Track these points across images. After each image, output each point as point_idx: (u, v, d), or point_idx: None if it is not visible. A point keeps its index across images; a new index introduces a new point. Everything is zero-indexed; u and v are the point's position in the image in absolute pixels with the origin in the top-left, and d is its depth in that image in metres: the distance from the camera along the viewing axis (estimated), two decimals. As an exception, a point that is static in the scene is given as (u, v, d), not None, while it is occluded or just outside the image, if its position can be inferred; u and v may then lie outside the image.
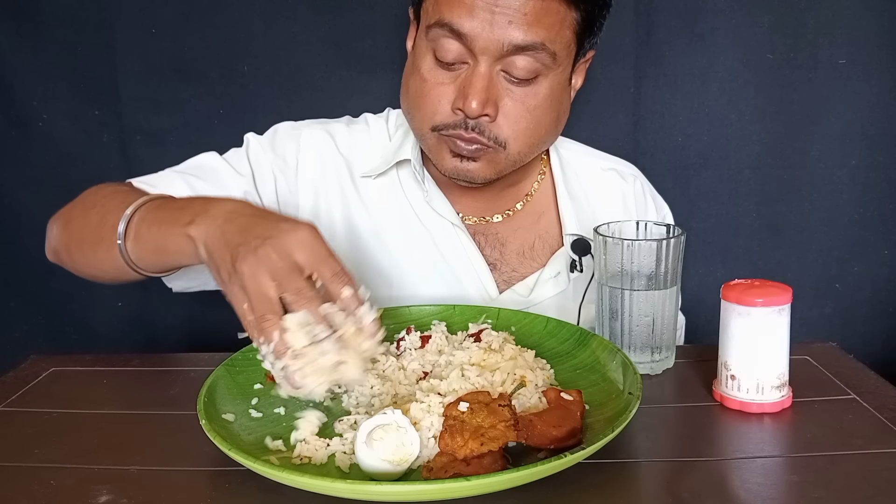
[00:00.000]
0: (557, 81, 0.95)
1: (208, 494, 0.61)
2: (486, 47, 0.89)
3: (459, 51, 0.91)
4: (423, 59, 0.94)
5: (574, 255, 1.04)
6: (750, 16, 1.37)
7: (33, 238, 1.46)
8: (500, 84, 0.92)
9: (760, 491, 0.60)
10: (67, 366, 0.88)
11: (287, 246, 0.65)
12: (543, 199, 1.11)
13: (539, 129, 0.96)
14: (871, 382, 0.79)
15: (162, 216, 0.81)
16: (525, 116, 0.93)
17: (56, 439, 0.71)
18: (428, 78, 0.94)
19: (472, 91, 0.90)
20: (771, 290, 0.73)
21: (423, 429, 0.64)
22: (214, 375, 0.73)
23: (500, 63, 0.90)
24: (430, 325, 0.88)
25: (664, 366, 0.84)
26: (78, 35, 1.39)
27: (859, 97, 1.38)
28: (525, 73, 0.91)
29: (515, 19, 0.87)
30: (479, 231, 1.07)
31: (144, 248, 0.82)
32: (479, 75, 0.90)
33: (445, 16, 0.89)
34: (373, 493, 0.55)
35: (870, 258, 1.44)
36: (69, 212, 0.96)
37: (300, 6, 1.38)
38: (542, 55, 0.90)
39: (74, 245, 0.92)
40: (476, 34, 0.88)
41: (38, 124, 1.42)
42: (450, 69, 0.93)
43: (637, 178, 1.16)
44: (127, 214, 0.83)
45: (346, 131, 1.09)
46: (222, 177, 1.03)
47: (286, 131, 1.08)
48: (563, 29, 0.91)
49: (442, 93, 0.93)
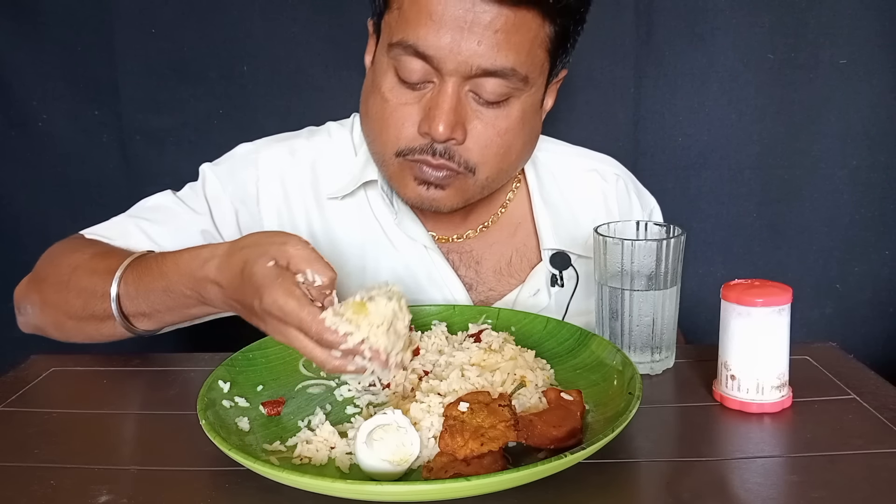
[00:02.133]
0: (530, 103, 0.90)
1: (208, 494, 0.61)
2: (454, 69, 0.83)
3: (424, 70, 0.84)
4: (385, 78, 0.88)
5: (554, 269, 1.00)
6: (750, 16, 1.37)
7: (33, 238, 1.46)
8: (468, 105, 0.86)
9: (760, 491, 0.60)
10: (67, 366, 0.88)
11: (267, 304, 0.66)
12: (519, 210, 1.06)
13: (509, 155, 0.91)
14: (871, 382, 0.79)
15: (166, 302, 0.82)
16: (495, 140, 0.88)
17: (56, 439, 0.71)
18: (390, 98, 0.87)
19: (438, 113, 0.84)
20: (771, 290, 0.73)
21: (423, 429, 0.64)
22: (214, 375, 0.73)
23: (468, 83, 0.85)
24: (430, 325, 0.88)
25: (664, 366, 0.84)
26: (78, 35, 1.39)
27: (860, 97, 1.38)
28: (495, 96, 0.85)
29: (485, 39, 0.81)
30: (452, 249, 1.02)
31: (166, 322, 0.86)
32: (447, 96, 0.84)
33: (410, 36, 0.83)
34: (373, 493, 0.55)
35: (870, 258, 1.44)
36: (40, 291, 0.92)
37: (300, 6, 1.38)
38: (512, 79, 0.85)
39: (68, 324, 0.90)
40: (443, 56, 0.82)
41: (38, 124, 1.43)
42: (414, 88, 0.86)
43: (620, 176, 1.11)
44: (114, 300, 0.83)
45: (308, 146, 1.03)
46: (179, 219, 0.98)
47: (244, 156, 1.03)
48: (534, 48, 0.85)
49: (406, 114, 0.87)
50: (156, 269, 0.82)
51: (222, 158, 1.04)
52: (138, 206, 1.01)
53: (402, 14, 0.84)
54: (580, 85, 1.39)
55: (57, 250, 0.95)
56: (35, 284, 0.93)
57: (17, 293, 0.94)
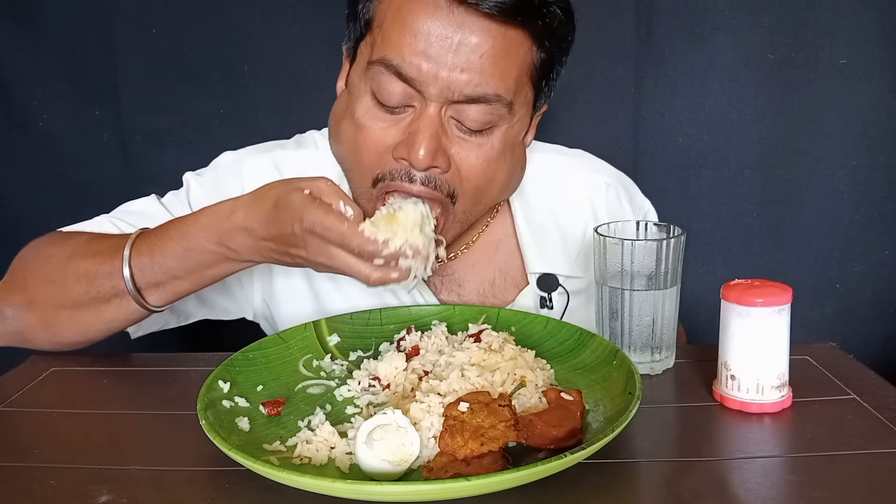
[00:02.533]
0: (514, 133, 0.86)
1: (208, 494, 0.61)
2: (437, 93, 0.79)
3: (405, 93, 0.80)
4: (360, 101, 0.83)
5: (542, 292, 0.98)
6: (750, 16, 1.37)
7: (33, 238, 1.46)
8: (450, 130, 0.82)
9: (760, 491, 0.60)
10: (67, 366, 0.88)
11: (309, 244, 0.72)
12: (500, 228, 1.01)
13: (491, 187, 0.86)
14: (871, 382, 0.79)
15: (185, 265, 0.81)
16: (478, 170, 0.83)
17: (56, 439, 0.71)
18: (365, 123, 0.82)
19: (420, 139, 0.79)
20: (771, 290, 0.73)
21: (423, 429, 0.64)
22: (214, 375, 0.73)
23: (450, 109, 0.80)
24: (430, 325, 0.88)
25: (664, 366, 0.84)
26: (78, 35, 1.39)
27: (860, 97, 1.38)
28: (478, 124, 0.81)
29: (470, 65, 0.77)
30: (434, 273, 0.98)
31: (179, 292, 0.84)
32: (429, 120, 0.79)
33: (393, 56, 0.78)
34: (373, 493, 0.55)
35: (870, 258, 1.44)
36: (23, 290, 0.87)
37: (300, 6, 1.38)
38: (496, 106, 0.81)
39: (62, 320, 0.86)
40: (426, 79, 0.78)
41: (38, 124, 1.43)
42: (392, 112, 0.82)
43: (610, 185, 1.06)
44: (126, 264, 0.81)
45: (294, 159, 1.00)
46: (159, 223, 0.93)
47: (228, 166, 1.00)
48: (521, 75, 0.82)
49: (381, 138, 0.82)
50: (173, 231, 0.82)
51: (206, 169, 1.02)
52: (121, 209, 0.99)
53: (384, 32, 0.80)
54: (580, 85, 1.39)
55: (38, 245, 0.91)
56: (16, 284, 0.88)
57: None
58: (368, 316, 0.90)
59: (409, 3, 0.78)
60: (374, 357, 0.82)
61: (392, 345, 0.84)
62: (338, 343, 0.86)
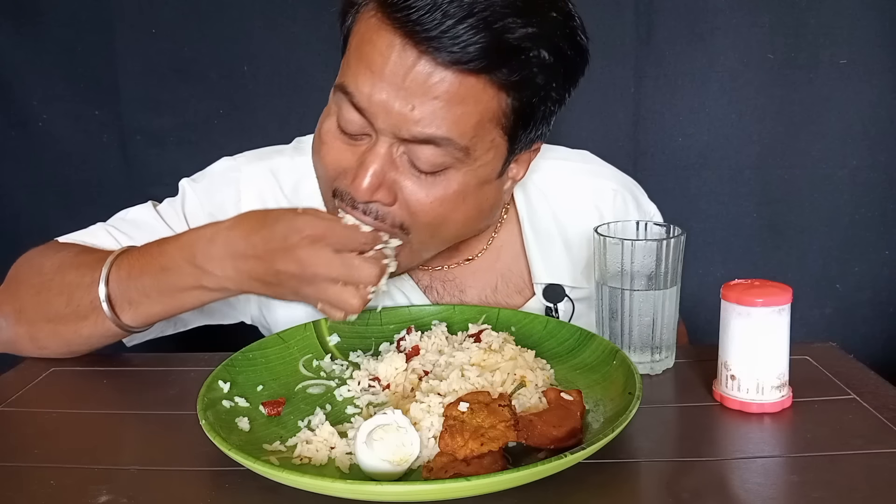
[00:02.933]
0: (475, 177, 0.81)
1: (208, 494, 0.61)
2: (385, 129, 0.76)
3: (362, 123, 0.78)
4: (328, 119, 0.83)
5: (548, 303, 0.97)
6: (750, 16, 1.37)
7: (33, 238, 1.45)
8: (402, 165, 0.79)
9: (760, 491, 0.60)
10: (67, 366, 0.88)
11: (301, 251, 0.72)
12: (505, 234, 1.00)
13: (446, 226, 0.83)
14: (871, 382, 0.79)
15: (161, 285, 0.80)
16: (428, 208, 0.80)
17: (56, 439, 0.71)
18: (326, 140, 0.82)
19: (362, 172, 0.77)
20: (771, 290, 0.73)
21: (423, 429, 0.64)
22: (214, 375, 0.73)
23: (402, 145, 0.78)
24: (430, 325, 0.88)
25: (664, 366, 0.84)
26: (78, 35, 1.39)
27: (860, 97, 1.38)
28: (429, 165, 0.78)
29: (421, 105, 0.74)
30: (435, 278, 0.98)
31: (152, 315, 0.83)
32: (376, 156, 0.77)
33: (349, 82, 0.77)
34: (373, 493, 0.55)
35: (870, 258, 1.44)
36: (15, 299, 0.87)
37: (300, 6, 1.38)
38: (449, 149, 0.77)
39: (44, 333, 0.85)
40: (375, 112, 0.76)
41: (38, 124, 1.43)
42: (351, 138, 0.80)
43: (617, 192, 1.04)
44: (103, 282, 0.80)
45: (290, 166, 0.99)
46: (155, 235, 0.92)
47: (223, 174, 0.99)
48: (482, 121, 0.77)
49: (337, 159, 0.82)
50: (155, 249, 0.82)
51: (202, 174, 1.01)
52: (117, 217, 0.98)
53: (348, 58, 0.80)
54: (580, 85, 1.38)
55: (32, 255, 0.91)
56: (9, 294, 0.88)
57: None
58: (368, 316, 0.90)
59: (370, 33, 0.76)
60: (375, 357, 0.82)
61: (392, 345, 0.84)
62: (338, 343, 0.86)
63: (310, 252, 0.72)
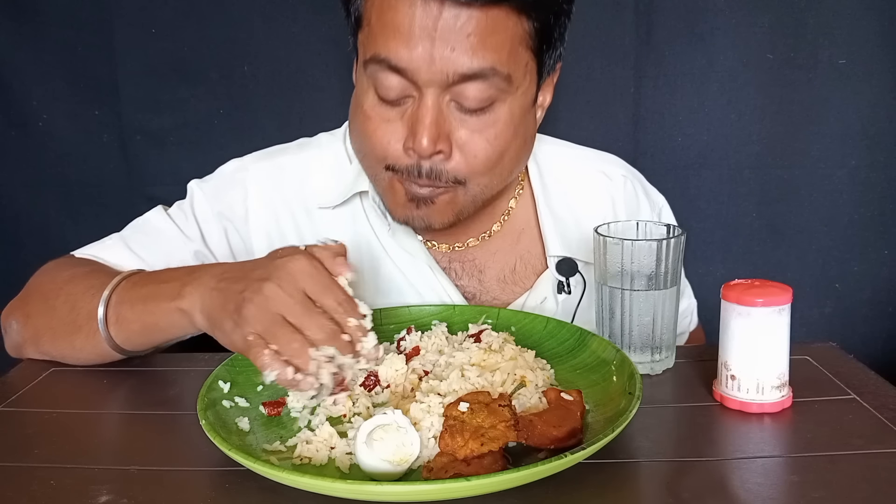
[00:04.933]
0: (518, 105, 0.85)
1: (208, 494, 0.61)
2: (430, 79, 0.79)
3: (402, 85, 0.81)
4: (366, 96, 0.85)
5: (560, 276, 0.98)
6: (750, 16, 1.37)
7: (33, 238, 1.46)
8: (451, 115, 0.82)
9: (760, 491, 0.60)
10: (67, 366, 0.88)
11: (290, 278, 0.66)
12: (523, 216, 1.03)
13: (503, 161, 0.87)
14: (871, 382, 0.79)
15: (144, 294, 0.79)
16: (485, 148, 0.84)
17: (56, 439, 0.71)
18: (372, 116, 0.85)
19: (420, 127, 0.80)
20: (771, 290, 0.73)
21: (423, 429, 0.64)
22: (214, 375, 0.73)
23: (448, 93, 0.81)
24: (430, 325, 0.88)
25: (664, 366, 0.84)
26: (78, 35, 1.39)
27: (859, 97, 1.38)
28: (478, 102, 0.81)
29: (458, 44, 0.77)
30: (454, 259, 1.00)
31: (131, 330, 0.80)
32: (426, 108, 0.80)
33: (381, 50, 0.80)
34: (373, 493, 0.55)
35: (870, 258, 1.44)
36: (25, 305, 0.89)
37: (300, 6, 1.38)
38: (494, 80, 0.80)
39: (45, 338, 0.86)
40: (416, 67, 0.79)
41: (38, 124, 1.43)
42: (394, 105, 0.83)
43: (627, 177, 1.08)
44: (104, 297, 0.80)
45: (297, 161, 1.01)
46: (172, 243, 0.96)
47: (231, 175, 1.01)
48: (515, 46, 0.81)
49: (389, 131, 0.84)
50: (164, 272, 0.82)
51: (211, 176, 1.02)
52: (131, 227, 0.99)
53: (372, 30, 0.82)
54: (580, 85, 1.39)
55: (51, 266, 0.93)
56: (22, 300, 0.91)
57: (3, 314, 0.91)
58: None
59: (388, 1, 0.79)
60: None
61: (392, 345, 0.84)
62: (338, 343, 0.86)
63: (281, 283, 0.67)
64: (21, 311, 0.89)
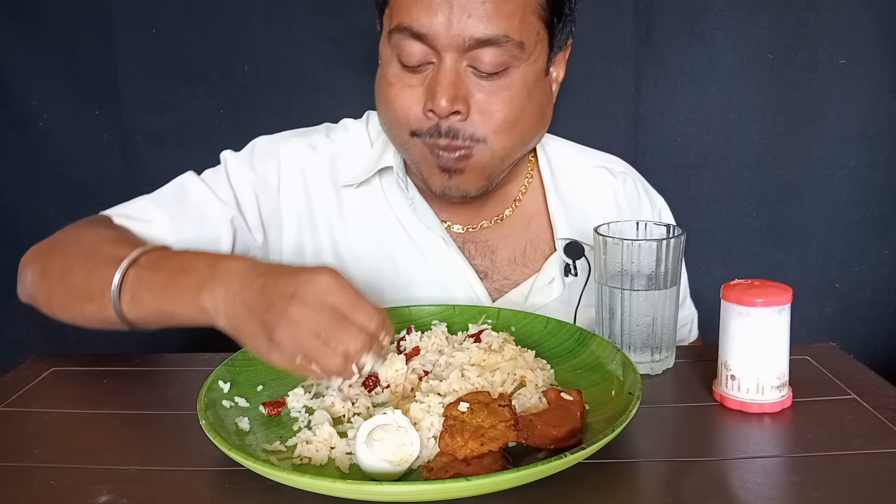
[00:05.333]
0: (531, 72, 0.91)
1: (208, 494, 0.61)
2: (449, 44, 0.86)
3: (423, 52, 0.88)
4: (390, 65, 0.92)
5: (567, 259, 1.02)
6: (750, 16, 1.37)
7: (33, 238, 1.45)
8: (468, 80, 0.89)
9: (760, 491, 0.60)
10: (67, 366, 0.88)
11: (316, 296, 0.66)
12: (533, 203, 1.08)
13: (521, 122, 0.92)
14: (871, 382, 0.79)
15: (162, 280, 0.77)
16: (501, 108, 0.90)
17: (56, 439, 0.71)
18: (394, 83, 0.91)
19: (439, 88, 0.87)
20: (771, 290, 0.73)
21: (423, 429, 0.64)
22: (214, 375, 0.73)
23: (465, 58, 0.88)
24: (430, 325, 0.88)
25: (664, 366, 0.84)
26: (78, 35, 1.39)
27: (859, 97, 1.38)
28: (493, 66, 0.88)
29: (474, 11, 0.85)
30: (468, 239, 1.04)
31: (146, 312, 0.79)
32: (445, 71, 0.88)
33: (404, 19, 0.87)
34: (373, 493, 0.55)
35: (870, 258, 1.44)
36: (46, 259, 0.90)
37: (300, 6, 1.38)
38: (507, 46, 0.87)
39: (57, 300, 0.87)
40: (436, 32, 0.86)
41: (38, 124, 1.43)
42: (416, 72, 0.90)
43: (628, 174, 1.13)
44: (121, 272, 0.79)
45: (327, 141, 1.06)
46: (206, 207, 0.97)
47: (265, 147, 1.04)
48: (526, 16, 0.88)
49: (411, 96, 0.90)
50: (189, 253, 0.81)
51: (244, 149, 1.05)
52: (164, 190, 1.00)
53: (397, 3, 0.89)
54: (580, 85, 1.39)
55: (81, 225, 0.94)
56: (44, 252, 0.92)
57: (23, 259, 0.93)
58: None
59: None
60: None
61: (392, 345, 0.84)
62: (338, 343, 0.86)
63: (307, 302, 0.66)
64: (39, 264, 0.91)
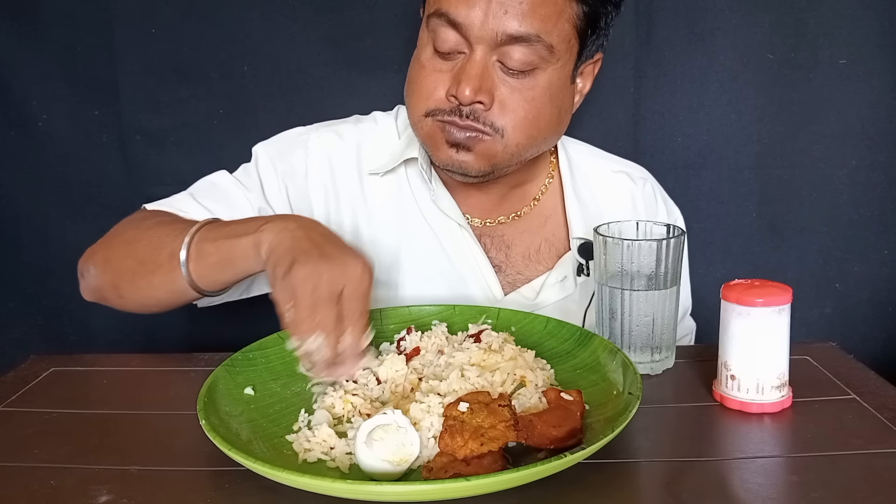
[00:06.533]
0: (557, 77, 0.94)
1: (208, 494, 0.61)
2: (482, 36, 0.89)
3: (456, 40, 0.91)
4: (424, 49, 0.95)
5: (581, 259, 1.03)
6: (750, 16, 1.37)
7: (33, 238, 1.45)
8: (495, 74, 0.92)
9: (760, 491, 0.60)
10: (67, 366, 0.88)
11: (340, 273, 0.72)
12: (551, 202, 1.10)
13: (539, 122, 0.95)
14: (871, 382, 0.79)
15: (226, 231, 0.85)
16: (523, 106, 0.93)
17: (56, 439, 0.71)
18: (426, 65, 0.95)
19: (465, 77, 0.90)
20: (771, 290, 0.73)
21: (423, 429, 0.64)
22: (214, 375, 0.73)
23: (495, 53, 0.90)
24: (430, 325, 0.88)
25: (664, 366, 0.84)
26: (78, 35, 1.39)
27: (859, 97, 1.38)
28: (521, 64, 0.90)
29: (511, 8, 0.88)
30: (485, 233, 1.07)
31: (208, 263, 0.85)
32: (474, 63, 0.90)
33: (443, 5, 0.90)
34: (373, 493, 0.55)
35: (870, 258, 1.44)
36: (107, 250, 0.95)
37: (300, 6, 1.38)
38: (537, 47, 0.89)
39: (125, 279, 0.92)
40: (471, 23, 0.89)
41: (38, 124, 1.42)
42: (447, 59, 0.93)
43: (647, 180, 1.15)
44: (190, 234, 0.86)
45: (355, 130, 1.10)
46: (234, 197, 1.03)
47: (294, 137, 1.09)
48: (560, 21, 0.90)
49: (438, 79, 0.93)
50: (249, 218, 0.89)
51: (273, 138, 1.10)
52: (196, 185, 1.06)
53: None
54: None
55: (136, 215, 0.99)
56: (103, 246, 0.96)
57: (83, 257, 0.97)
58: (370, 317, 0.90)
59: None
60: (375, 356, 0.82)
61: (392, 345, 0.84)
62: (338, 343, 0.86)
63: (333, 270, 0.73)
64: (101, 256, 0.95)
